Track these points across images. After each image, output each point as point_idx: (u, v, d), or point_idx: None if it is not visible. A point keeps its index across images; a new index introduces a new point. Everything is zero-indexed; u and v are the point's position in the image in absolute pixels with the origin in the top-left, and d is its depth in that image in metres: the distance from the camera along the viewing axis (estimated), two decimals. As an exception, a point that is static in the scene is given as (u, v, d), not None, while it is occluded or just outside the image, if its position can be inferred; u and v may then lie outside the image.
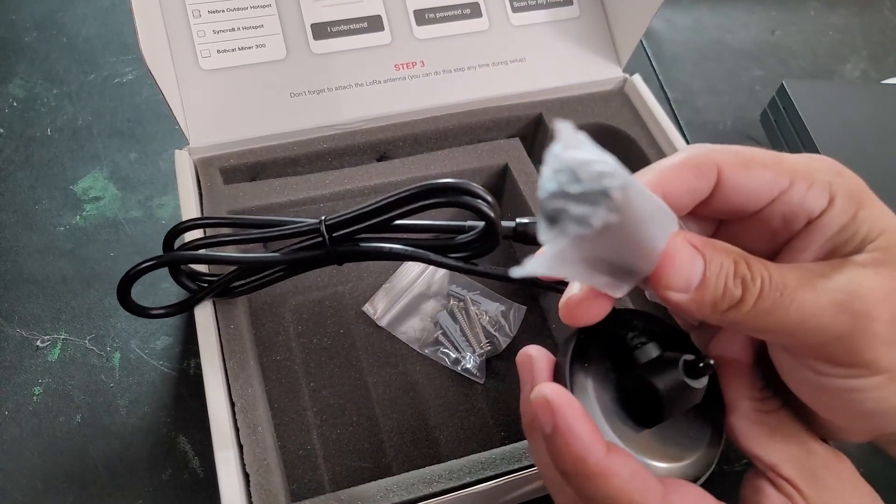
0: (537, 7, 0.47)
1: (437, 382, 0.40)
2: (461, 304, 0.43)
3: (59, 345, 0.42)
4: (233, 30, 0.42)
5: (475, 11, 0.46)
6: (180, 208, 0.38)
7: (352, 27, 0.44)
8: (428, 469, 0.32)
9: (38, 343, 0.42)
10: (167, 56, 0.40)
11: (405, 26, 0.45)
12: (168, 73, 0.40)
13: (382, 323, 0.42)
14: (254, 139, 0.41)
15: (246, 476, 0.31)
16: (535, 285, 0.29)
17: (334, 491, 0.31)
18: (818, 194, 0.21)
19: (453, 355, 0.41)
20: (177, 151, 0.40)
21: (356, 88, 0.43)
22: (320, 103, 0.43)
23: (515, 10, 0.46)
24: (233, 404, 0.33)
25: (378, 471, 0.37)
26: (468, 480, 0.31)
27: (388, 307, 0.43)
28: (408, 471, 0.32)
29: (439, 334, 0.42)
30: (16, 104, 0.53)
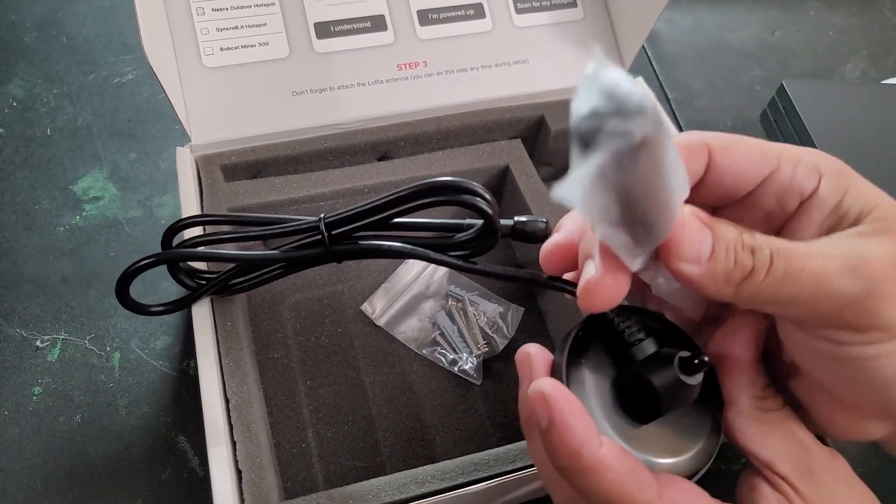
0: (541, 9, 0.47)
1: (434, 383, 0.40)
2: (459, 304, 0.43)
3: (58, 345, 0.42)
4: (236, 28, 0.42)
5: (479, 12, 0.46)
6: (180, 206, 0.38)
7: (355, 27, 0.44)
8: (420, 469, 0.32)
9: (38, 343, 0.42)
10: (170, 53, 0.40)
11: (408, 26, 0.45)
12: (170, 71, 0.40)
13: (380, 322, 0.42)
14: (255, 137, 0.42)
15: (238, 473, 0.31)
16: (535, 284, 0.29)
17: (328, 489, 0.31)
18: (806, 174, 0.22)
19: (451, 356, 0.41)
20: (178, 148, 0.40)
21: (358, 88, 0.43)
22: (322, 102, 0.43)
23: (519, 11, 0.46)
24: (227, 401, 0.33)
25: (372, 470, 0.37)
26: (461, 481, 0.31)
27: (386, 307, 0.42)
28: (402, 471, 0.32)
29: (437, 335, 0.42)
30: (16, 104, 0.53)
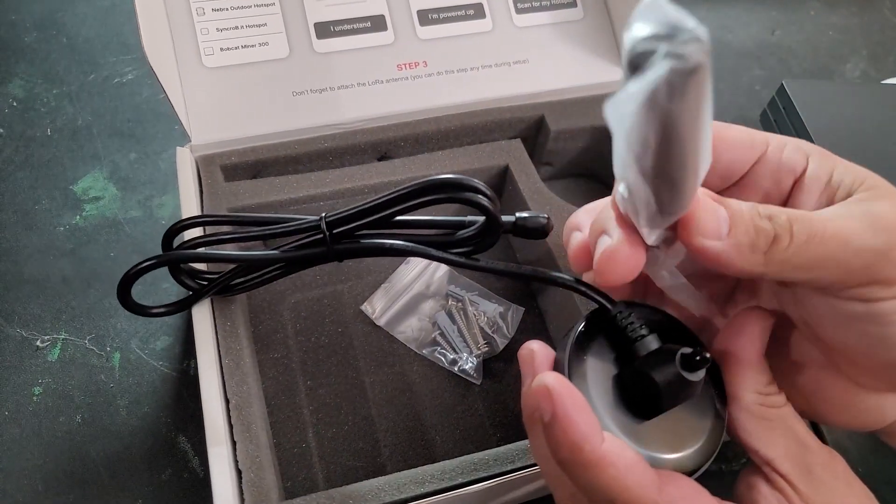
0: (541, 9, 0.47)
1: (434, 383, 0.40)
2: (459, 304, 0.43)
3: (59, 345, 0.42)
4: (236, 28, 0.42)
5: (479, 12, 0.46)
6: (180, 206, 0.38)
7: (355, 27, 0.44)
8: (420, 469, 0.32)
9: (38, 343, 0.42)
10: (170, 53, 0.40)
11: (408, 26, 0.45)
12: (171, 71, 0.40)
13: (381, 322, 0.42)
14: (255, 137, 0.41)
15: (238, 473, 0.31)
16: (537, 280, 0.28)
17: (328, 489, 0.31)
18: (795, 154, 0.24)
19: (451, 356, 0.41)
20: (178, 149, 0.40)
21: (358, 88, 0.43)
22: (322, 102, 0.43)
23: (519, 11, 0.46)
24: (227, 401, 0.33)
25: (372, 470, 0.37)
26: (460, 481, 0.31)
27: (386, 307, 0.42)
28: (402, 471, 0.32)
29: (437, 334, 0.42)
30: (16, 104, 0.53)
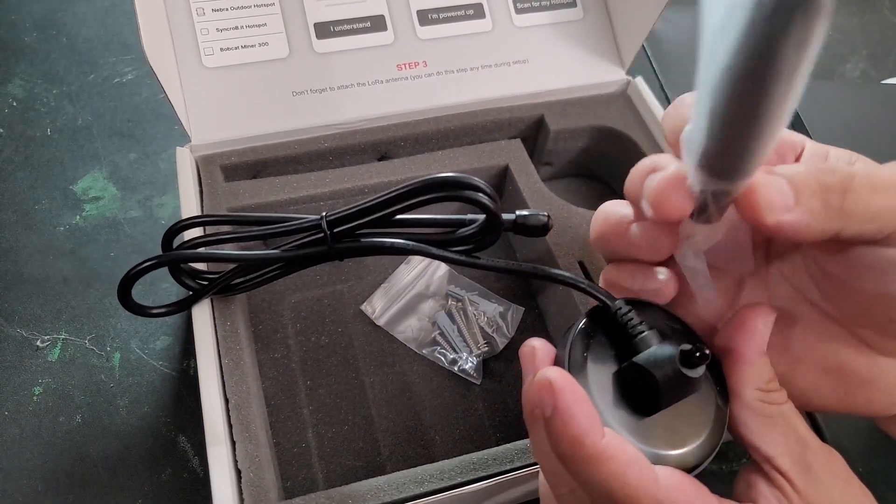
0: (541, 9, 0.47)
1: (434, 383, 0.40)
2: (459, 304, 0.43)
3: (59, 345, 0.41)
4: (236, 28, 0.42)
5: (479, 12, 0.46)
6: (180, 206, 0.38)
7: (355, 27, 0.44)
8: (419, 469, 0.32)
9: (38, 343, 0.41)
10: (170, 53, 0.40)
11: (408, 26, 0.45)
12: (170, 71, 0.40)
13: (380, 322, 0.42)
14: (255, 137, 0.41)
15: (238, 472, 0.31)
16: (538, 277, 0.28)
17: (327, 489, 0.31)
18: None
19: (451, 356, 0.41)
20: (178, 149, 0.40)
21: (358, 88, 0.43)
22: (322, 102, 0.43)
23: (519, 11, 0.46)
24: (227, 401, 0.33)
25: (372, 470, 0.37)
26: (459, 481, 0.31)
27: (386, 306, 0.42)
28: (401, 470, 0.32)
29: (437, 334, 0.42)
30: (16, 104, 0.53)
